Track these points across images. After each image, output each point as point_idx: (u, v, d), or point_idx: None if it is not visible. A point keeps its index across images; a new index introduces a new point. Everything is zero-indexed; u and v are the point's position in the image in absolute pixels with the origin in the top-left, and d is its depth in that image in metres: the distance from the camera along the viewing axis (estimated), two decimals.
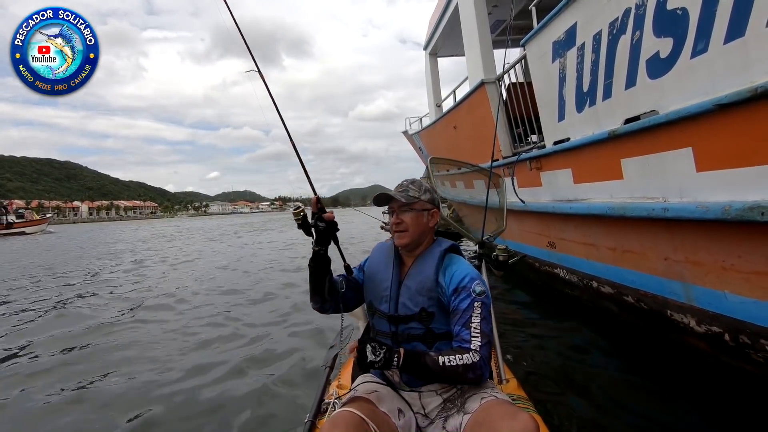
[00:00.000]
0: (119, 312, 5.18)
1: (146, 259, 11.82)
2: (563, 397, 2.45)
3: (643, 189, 2.65)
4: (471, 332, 1.34)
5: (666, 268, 2.62)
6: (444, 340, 1.43)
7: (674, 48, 2.25)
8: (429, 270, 1.46)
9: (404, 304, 1.47)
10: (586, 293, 3.74)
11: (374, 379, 1.51)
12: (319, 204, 1.49)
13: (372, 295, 1.57)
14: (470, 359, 1.29)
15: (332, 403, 1.50)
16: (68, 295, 6.60)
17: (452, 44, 7.57)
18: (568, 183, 3.51)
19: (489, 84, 4.77)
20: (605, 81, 2.84)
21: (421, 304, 1.44)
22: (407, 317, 1.45)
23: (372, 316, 1.58)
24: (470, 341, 1.33)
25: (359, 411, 1.24)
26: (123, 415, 2.55)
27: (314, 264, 1.48)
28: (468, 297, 1.38)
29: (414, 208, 1.49)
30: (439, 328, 1.43)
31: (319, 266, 1.48)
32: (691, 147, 2.22)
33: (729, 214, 1.95)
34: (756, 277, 2.03)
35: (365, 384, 1.47)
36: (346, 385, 1.69)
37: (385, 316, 1.50)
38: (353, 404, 1.30)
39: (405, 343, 1.44)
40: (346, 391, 1.60)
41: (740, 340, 2.20)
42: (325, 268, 1.49)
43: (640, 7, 2.45)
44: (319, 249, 1.46)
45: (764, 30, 1.77)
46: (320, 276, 1.49)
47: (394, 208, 1.51)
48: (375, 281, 1.57)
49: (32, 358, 3.66)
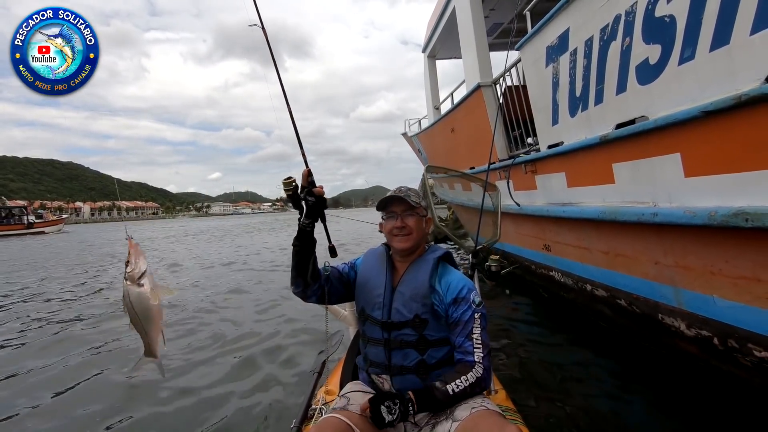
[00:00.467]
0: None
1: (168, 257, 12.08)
2: (552, 409, 2.45)
3: (634, 193, 2.67)
4: (473, 344, 1.37)
5: (657, 272, 2.64)
6: (436, 347, 1.43)
7: (662, 54, 2.27)
8: (423, 276, 1.46)
9: (398, 311, 1.46)
10: (580, 296, 3.76)
11: (363, 388, 1.50)
12: (310, 177, 1.47)
13: (364, 301, 1.56)
14: (474, 375, 1.32)
15: (319, 409, 1.52)
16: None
17: (450, 47, 7.59)
18: (562, 186, 3.53)
19: (485, 87, 4.79)
20: (597, 86, 2.86)
21: (415, 310, 1.44)
22: (400, 323, 1.45)
23: (363, 323, 1.56)
24: (473, 353, 1.36)
25: (346, 417, 1.24)
26: (103, 418, 2.55)
27: (299, 242, 1.45)
28: (469, 308, 1.41)
29: (418, 213, 1.51)
30: (432, 335, 1.43)
31: (304, 245, 1.45)
32: (680, 153, 2.24)
33: (715, 219, 1.97)
34: (743, 282, 2.05)
35: (354, 393, 1.46)
36: (334, 392, 1.68)
37: (377, 323, 1.48)
38: (341, 411, 1.30)
39: (397, 349, 1.44)
40: (333, 397, 1.59)
41: (729, 344, 2.22)
42: (310, 248, 1.46)
43: (629, 14, 2.48)
44: (306, 225, 1.44)
45: (748, 38, 1.80)
46: (304, 256, 1.46)
47: (397, 212, 1.51)
48: (367, 287, 1.56)
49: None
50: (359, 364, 1.62)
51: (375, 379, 1.51)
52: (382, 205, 1.56)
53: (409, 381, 1.43)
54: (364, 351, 1.56)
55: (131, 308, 1.24)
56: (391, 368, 1.45)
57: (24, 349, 3.93)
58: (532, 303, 4.77)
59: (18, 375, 3.26)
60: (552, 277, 4.22)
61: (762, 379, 2.13)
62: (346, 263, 1.66)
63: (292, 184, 1.47)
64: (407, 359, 1.44)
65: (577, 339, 3.51)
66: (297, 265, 1.47)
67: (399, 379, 1.44)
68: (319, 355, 2.07)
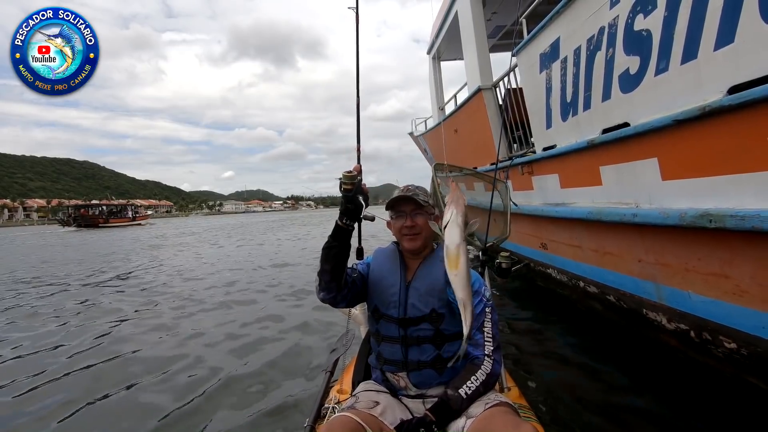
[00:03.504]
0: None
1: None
2: (565, 407, 2.41)
3: (619, 195, 2.82)
4: (484, 336, 1.38)
5: (640, 269, 2.79)
6: (452, 341, 1.42)
7: (641, 65, 2.43)
8: (438, 272, 1.43)
9: (414, 306, 1.45)
10: (574, 292, 3.91)
11: (376, 387, 1.49)
12: (360, 175, 1.39)
13: (378, 300, 1.53)
14: (485, 372, 1.33)
15: (332, 408, 1.51)
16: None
17: (454, 49, 7.73)
18: (556, 187, 3.68)
19: (486, 90, 4.95)
20: (585, 93, 3.01)
21: (431, 305, 1.43)
22: (417, 319, 1.44)
23: (377, 322, 1.53)
24: (483, 345, 1.37)
25: (357, 417, 1.23)
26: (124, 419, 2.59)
27: (338, 243, 1.37)
28: (481, 302, 1.42)
29: (426, 212, 1.50)
30: (448, 329, 1.42)
31: (343, 246, 1.38)
32: (657, 157, 2.40)
33: (685, 220, 2.13)
34: (713, 278, 2.20)
35: (367, 392, 1.45)
36: (347, 390, 1.67)
37: (394, 320, 1.46)
38: (352, 410, 1.29)
39: (414, 345, 1.43)
40: (346, 396, 1.59)
41: (703, 336, 2.37)
42: (347, 249, 1.40)
43: (612, 26, 2.63)
44: (349, 224, 1.37)
45: (712, 54, 1.95)
46: (342, 259, 1.39)
47: (406, 212, 1.49)
48: (381, 287, 1.53)
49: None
50: (372, 363, 1.59)
51: (390, 378, 1.49)
52: (390, 205, 1.54)
53: (425, 375, 1.43)
54: (378, 350, 1.54)
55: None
56: (408, 364, 1.44)
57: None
58: (541, 301, 4.81)
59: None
60: (549, 274, 4.37)
61: (732, 369, 2.28)
62: (361, 262, 1.62)
63: (356, 179, 1.36)
64: (424, 354, 1.43)
65: (589, 338, 3.51)
66: (333, 269, 1.40)
67: (416, 374, 1.44)
68: (331, 353, 2.12)
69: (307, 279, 6.92)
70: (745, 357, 2.12)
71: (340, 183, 1.35)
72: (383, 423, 1.27)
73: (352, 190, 1.34)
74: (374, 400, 1.37)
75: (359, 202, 1.37)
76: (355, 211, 1.37)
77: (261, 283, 6.88)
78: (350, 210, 1.36)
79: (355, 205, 1.36)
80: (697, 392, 2.49)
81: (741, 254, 1.99)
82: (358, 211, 1.37)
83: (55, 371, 3.31)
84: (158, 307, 5.53)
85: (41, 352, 3.84)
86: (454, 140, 6.67)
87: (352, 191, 1.34)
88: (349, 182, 1.34)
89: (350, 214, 1.36)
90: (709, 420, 2.20)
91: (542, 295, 4.90)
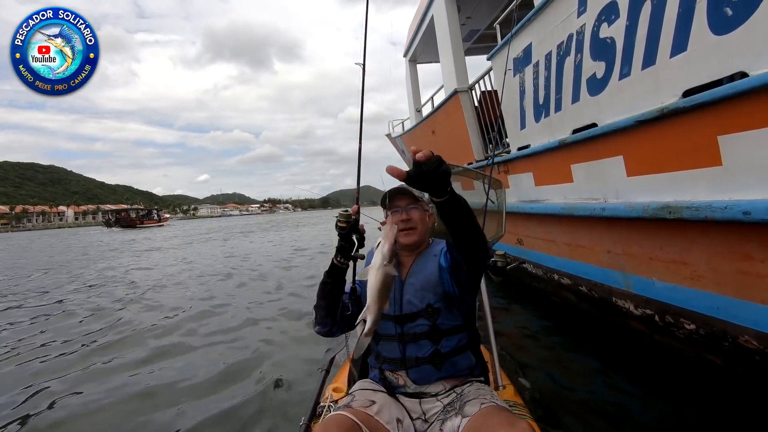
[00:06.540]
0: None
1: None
2: (560, 405, 2.41)
3: (589, 191, 3.01)
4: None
5: (609, 260, 2.99)
6: (449, 336, 1.42)
7: (606, 70, 2.62)
8: (432, 266, 1.44)
9: (409, 302, 1.44)
10: (549, 285, 4.10)
11: (373, 386, 1.48)
12: (357, 215, 1.43)
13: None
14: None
15: (327, 406, 1.52)
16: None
17: (430, 52, 7.89)
18: (530, 185, 3.87)
19: (462, 93, 5.12)
20: (556, 95, 3.20)
21: (427, 300, 1.42)
22: (413, 314, 1.43)
23: None
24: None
25: (353, 415, 1.24)
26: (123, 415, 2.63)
27: (332, 281, 1.43)
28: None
29: (422, 206, 1.50)
30: (445, 323, 1.42)
31: (338, 284, 1.43)
32: (622, 155, 2.59)
33: (648, 212, 2.32)
34: (674, 266, 2.40)
35: (363, 390, 1.44)
36: (343, 389, 1.68)
37: (390, 318, 1.45)
38: (348, 408, 1.29)
39: (411, 342, 1.43)
40: (342, 395, 1.60)
41: (666, 320, 2.57)
42: (342, 286, 1.45)
43: (580, 33, 2.81)
44: (344, 263, 1.42)
45: (669, 60, 2.14)
46: (337, 295, 1.44)
47: (401, 206, 1.48)
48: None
49: None
50: (371, 363, 1.58)
51: (389, 376, 1.48)
52: (385, 200, 1.52)
53: (424, 372, 1.42)
54: (376, 349, 1.52)
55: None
56: (406, 361, 1.43)
57: None
58: (535, 300, 4.74)
59: None
60: (525, 268, 4.56)
61: (693, 349, 2.49)
62: (360, 281, 1.60)
63: (351, 217, 1.42)
64: (421, 350, 1.42)
65: (584, 336, 3.51)
66: (328, 305, 1.44)
67: (414, 371, 1.43)
68: (326, 352, 2.15)
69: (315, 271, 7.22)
70: (702, 337, 2.32)
71: (336, 222, 1.44)
72: (379, 422, 1.27)
73: (346, 228, 1.42)
74: (370, 398, 1.37)
75: (353, 240, 1.45)
76: (350, 249, 1.44)
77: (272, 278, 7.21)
78: (345, 248, 1.43)
79: (349, 243, 1.44)
80: (688, 386, 2.50)
81: (697, 242, 2.19)
82: (352, 249, 1.44)
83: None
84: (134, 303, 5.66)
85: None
86: (431, 141, 6.83)
87: (346, 229, 1.42)
88: (344, 220, 1.42)
89: (344, 252, 1.44)
90: (701, 413, 2.22)
91: (530, 292, 4.82)
